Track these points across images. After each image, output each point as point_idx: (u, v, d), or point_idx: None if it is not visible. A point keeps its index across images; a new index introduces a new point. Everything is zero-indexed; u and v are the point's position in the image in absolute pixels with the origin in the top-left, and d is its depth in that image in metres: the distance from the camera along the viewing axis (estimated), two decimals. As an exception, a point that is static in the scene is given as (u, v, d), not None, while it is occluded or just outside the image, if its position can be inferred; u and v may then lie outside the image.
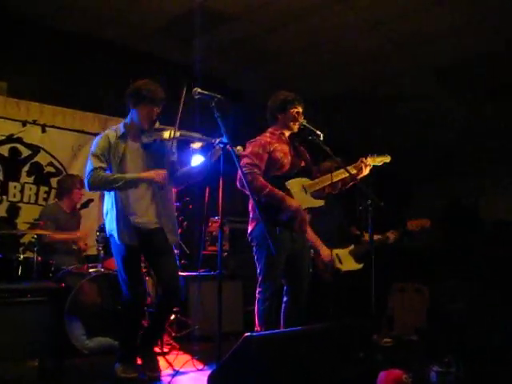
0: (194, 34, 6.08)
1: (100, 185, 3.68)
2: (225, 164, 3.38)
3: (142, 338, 3.91)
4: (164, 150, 3.78)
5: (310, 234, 4.71)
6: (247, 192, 3.56)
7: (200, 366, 4.04)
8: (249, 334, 2.74)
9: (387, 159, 4.36)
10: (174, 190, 4.08)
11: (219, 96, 3.48)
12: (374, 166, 4.30)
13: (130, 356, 3.81)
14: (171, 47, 6.51)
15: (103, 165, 3.69)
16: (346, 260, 5.00)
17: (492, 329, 4.89)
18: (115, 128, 3.86)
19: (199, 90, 3.47)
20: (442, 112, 7.11)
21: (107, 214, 3.81)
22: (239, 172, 3.57)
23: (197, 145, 3.72)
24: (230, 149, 3.31)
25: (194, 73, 6.44)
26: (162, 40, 6.38)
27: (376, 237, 4.96)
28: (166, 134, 3.68)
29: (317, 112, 5.79)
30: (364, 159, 4.26)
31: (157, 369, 3.84)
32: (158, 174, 3.67)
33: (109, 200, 3.81)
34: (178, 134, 3.63)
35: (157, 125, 3.82)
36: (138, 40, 6.42)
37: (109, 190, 3.75)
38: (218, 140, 3.45)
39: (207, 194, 3.75)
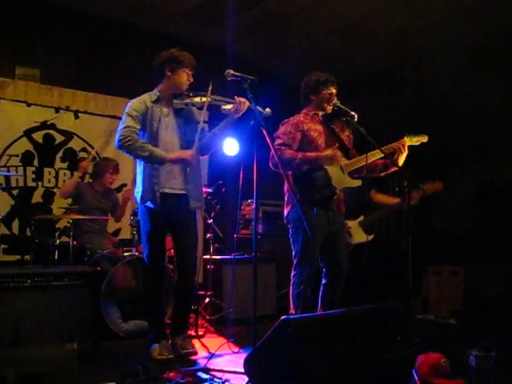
0: (224, 16, 6.02)
1: (129, 145, 3.70)
2: (259, 146, 3.36)
3: (172, 325, 3.99)
4: (194, 116, 3.93)
5: None
6: (281, 172, 3.54)
7: (236, 349, 4.03)
8: (285, 316, 2.72)
9: (424, 139, 4.26)
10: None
11: (252, 77, 3.46)
12: (411, 145, 4.23)
13: (162, 334, 3.86)
14: (200, 30, 6.45)
15: (137, 126, 3.75)
16: (355, 232, 4.93)
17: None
18: (149, 94, 3.92)
19: (232, 71, 3.46)
20: (475, 93, 6.92)
21: (136, 180, 3.91)
22: (271, 152, 3.54)
23: (228, 106, 3.80)
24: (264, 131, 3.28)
25: (224, 55, 6.39)
26: (191, 23, 6.33)
27: (395, 200, 4.85)
28: (197, 99, 3.78)
29: (351, 94, 5.72)
30: (401, 140, 4.18)
31: (191, 345, 3.90)
32: (185, 155, 3.74)
33: (139, 166, 3.88)
34: (208, 98, 3.72)
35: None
36: (167, 24, 6.37)
37: (134, 156, 3.80)
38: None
39: (241, 176, 3.72)
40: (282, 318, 2.72)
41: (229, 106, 3.79)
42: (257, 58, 6.99)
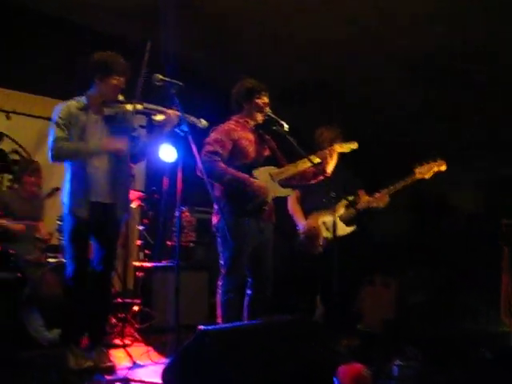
0: (158, 15, 5.93)
1: (63, 156, 3.65)
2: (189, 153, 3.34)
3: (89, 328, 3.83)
4: (126, 123, 3.77)
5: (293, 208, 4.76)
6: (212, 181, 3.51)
7: (157, 359, 3.98)
8: (202, 326, 2.69)
9: (355, 146, 4.29)
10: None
11: (180, 83, 3.43)
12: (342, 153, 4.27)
13: (75, 340, 3.71)
14: (135, 28, 6.34)
15: (65, 134, 3.65)
16: (339, 225, 4.87)
17: (453, 320, 4.91)
18: (78, 99, 3.80)
19: (160, 76, 3.42)
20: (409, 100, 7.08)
21: (63, 186, 3.76)
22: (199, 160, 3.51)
23: (159, 117, 3.70)
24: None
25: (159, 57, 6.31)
26: (126, 21, 6.23)
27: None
28: (129, 107, 3.65)
29: (285, 102, 5.73)
30: (329, 148, 4.21)
31: (108, 359, 3.76)
32: (119, 143, 3.67)
33: (66, 172, 3.76)
34: (140, 106, 3.62)
35: (120, 98, 3.78)
36: (100, 21, 6.26)
37: (73, 160, 3.70)
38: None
39: (179, 183, 3.66)
40: (198, 328, 2.69)
41: (160, 117, 3.69)
42: (194, 62, 6.94)
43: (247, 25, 6.08)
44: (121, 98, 3.78)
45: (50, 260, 4.48)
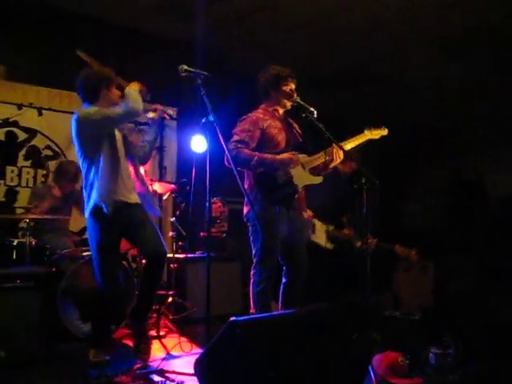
0: (190, 10, 5.94)
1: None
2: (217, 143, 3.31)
3: (132, 315, 3.85)
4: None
5: None
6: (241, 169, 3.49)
7: (190, 350, 4.00)
8: (234, 318, 2.66)
9: (384, 132, 4.21)
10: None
11: (206, 73, 3.39)
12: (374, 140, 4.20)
13: (102, 341, 3.73)
14: (164, 24, 6.37)
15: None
16: (319, 233, 4.88)
17: (493, 308, 4.78)
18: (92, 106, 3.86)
19: (185, 66, 3.38)
20: (444, 83, 6.92)
21: (86, 187, 3.71)
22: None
23: (152, 114, 3.89)
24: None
25: (190, 50, 6.31)
26: (156, 17, 6.25)
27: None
28: None
29: (318, 90, 5.68)
30: (335, 143, 4.07)
31: (148, 351, 3.79)
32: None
33: (90, 173, 3.72)
34: None
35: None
36: (133, 18, 6.30)
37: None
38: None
39: (207, 174, 3.62)
40: (230, 319, 2.66)
41: (152, 114, 3.90)
42: (224, 54, 6.92)
43: (279, 13, 6.01)
44: None
45: (85, 254, 4.51)
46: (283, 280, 3.99)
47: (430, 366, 3.60)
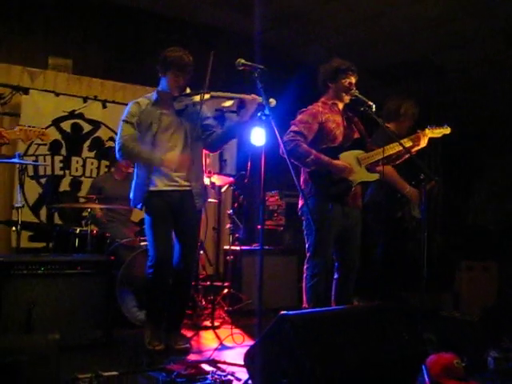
0: (251, 4, 5.94)
1: (127, 155, 3.75)
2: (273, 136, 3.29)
3: (166, 321, 3.87)
4: (196, 114, 3.74)
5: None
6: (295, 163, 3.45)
7: (243, 341, 4.02)
8: (284, 312, 2.66)
9: (447, 131, 4.12)
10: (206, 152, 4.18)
11: (263, 67, 3.38)
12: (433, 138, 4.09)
13: (157, 326, 3.79)
14: (229, 18, 6.41)
15: (134, 132, 3.71)
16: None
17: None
18: (149, 96, 3.87)
19: (243, 60, 3.37)
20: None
21: (137, 176, 3.80)
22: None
23: (228, 103, 3.70)
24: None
25: (251, 43, 6.32)
26: (222, 12, 6.31)
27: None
28: (197, 97, 3.65)
29: (379, 82, 5.57)
30: (421, 131, 4.04)
31: (185, 341, 3.87)
32: (179, 164, 3.68)
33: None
34: (207, 95, 3.61)
35: (187, 90, 3.78)
36: (197, 13, 6.37)
37: (133, 162, 3.80)
38: (252, 97, 3.59)
39: (263, 167, 3.60)
40: (280, 313, 2.66)
41: (229, 103, 3.70)
42: (284, 48, 6.90)
43: (341, 5, 5.94)
44: (188, 91, 3.78)
45: (143, 244, 4.62)
46: (335, 276, 3.96)
47: (488, 371, 3.46)
